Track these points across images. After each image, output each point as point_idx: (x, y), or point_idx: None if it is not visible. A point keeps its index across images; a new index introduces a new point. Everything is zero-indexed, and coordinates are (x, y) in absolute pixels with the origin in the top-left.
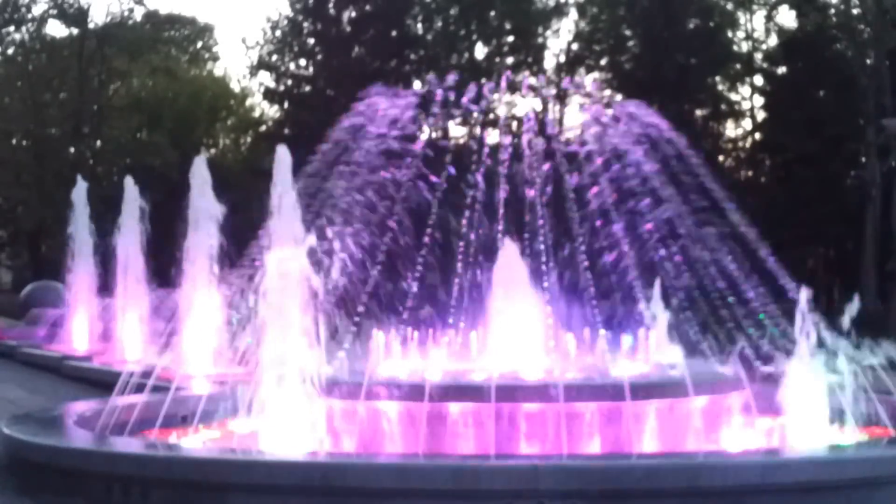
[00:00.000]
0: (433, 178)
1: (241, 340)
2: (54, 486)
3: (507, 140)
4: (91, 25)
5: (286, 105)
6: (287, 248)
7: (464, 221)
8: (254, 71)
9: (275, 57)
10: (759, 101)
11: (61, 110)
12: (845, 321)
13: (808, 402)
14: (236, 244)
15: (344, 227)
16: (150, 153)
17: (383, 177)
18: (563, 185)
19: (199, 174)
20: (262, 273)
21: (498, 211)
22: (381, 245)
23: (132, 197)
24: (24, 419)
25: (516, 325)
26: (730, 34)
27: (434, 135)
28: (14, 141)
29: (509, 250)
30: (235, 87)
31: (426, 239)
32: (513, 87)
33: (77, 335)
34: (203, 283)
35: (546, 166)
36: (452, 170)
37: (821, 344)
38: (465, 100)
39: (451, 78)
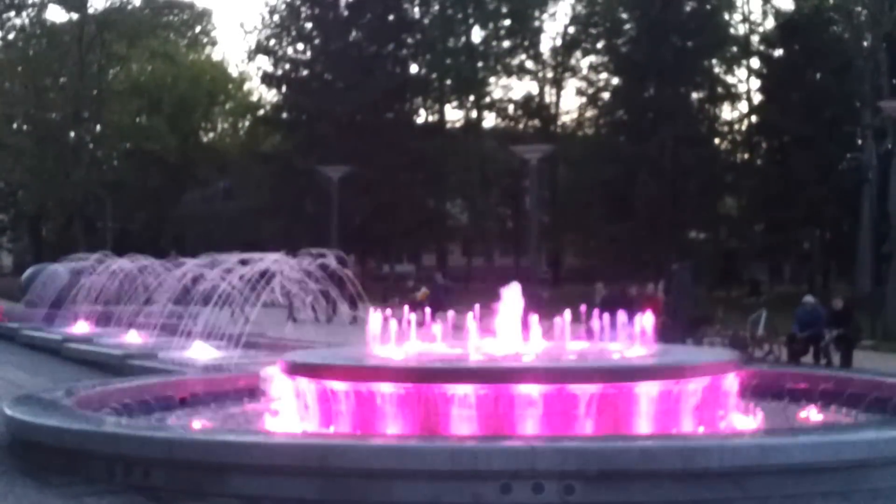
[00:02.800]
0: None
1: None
2: (56, 466)
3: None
4: (91, 11)
5: (284, 89)
6: None
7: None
8: (252, 55)
9: (273, 41)
10: (755, 83)
11: (61, 95)
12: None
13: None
14: (234, 228)
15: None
16: (150, 137)
17: None
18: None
19: None
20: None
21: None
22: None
23: None
24: (27, 400)
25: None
26: (727, 17)
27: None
28: (15, 125)
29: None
30: (234, 71)
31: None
32: (508, 70)
33: (78, 317)
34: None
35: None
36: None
37: None
38: None
39: None
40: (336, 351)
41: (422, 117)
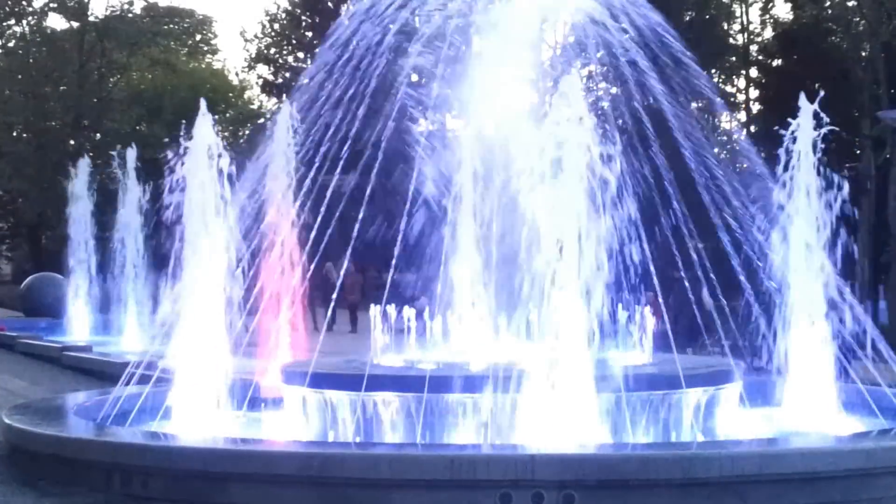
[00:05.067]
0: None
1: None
2: (55, 475)
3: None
4: (91, 18)
5: (284, 97)
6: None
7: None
8: (252, 64)
9: (273, 50)
10: (754, 93)
11: (62, 103)
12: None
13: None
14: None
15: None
16: (150, 145)
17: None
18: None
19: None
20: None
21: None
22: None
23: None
24: (25, 409)
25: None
26: (726, 26)
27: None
28: (15, 133)
29: None
30: (234, 79)
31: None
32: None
33: (77, 326)
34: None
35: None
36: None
37: None
38: None
39: None
40: (336, 360)
41: (423, 126)
